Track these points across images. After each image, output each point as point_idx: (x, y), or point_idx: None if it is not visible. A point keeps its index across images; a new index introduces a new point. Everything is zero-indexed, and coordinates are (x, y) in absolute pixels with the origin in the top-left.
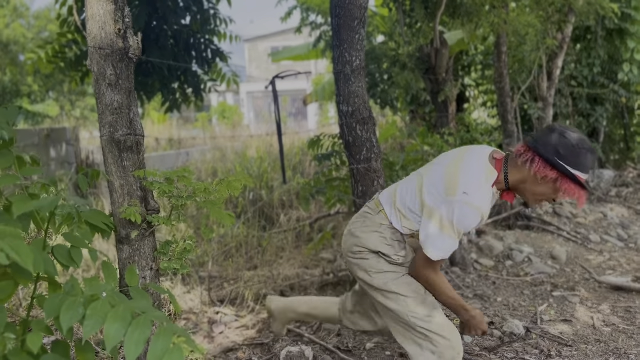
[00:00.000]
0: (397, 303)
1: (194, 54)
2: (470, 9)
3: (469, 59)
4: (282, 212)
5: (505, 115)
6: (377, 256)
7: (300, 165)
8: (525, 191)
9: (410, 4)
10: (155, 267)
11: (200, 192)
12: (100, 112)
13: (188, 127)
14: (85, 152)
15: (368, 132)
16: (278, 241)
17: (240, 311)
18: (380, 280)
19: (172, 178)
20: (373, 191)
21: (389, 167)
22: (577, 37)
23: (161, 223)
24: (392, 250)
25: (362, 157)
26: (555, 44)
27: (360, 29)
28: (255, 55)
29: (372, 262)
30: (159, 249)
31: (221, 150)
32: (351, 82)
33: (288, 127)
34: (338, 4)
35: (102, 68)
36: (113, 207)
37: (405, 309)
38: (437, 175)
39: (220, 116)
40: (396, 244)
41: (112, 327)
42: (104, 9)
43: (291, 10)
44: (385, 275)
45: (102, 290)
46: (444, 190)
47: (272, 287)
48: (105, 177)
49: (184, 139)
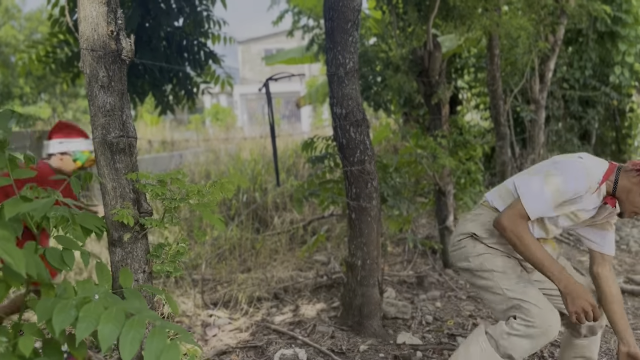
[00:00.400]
0: (492, 279)
1: (186, 55)
2: (462, 11)
3: (461, 62)
4: (276, 214)
5: (498, 118)
6: (473, 239)
7: (294, 167)
8: (627, 201)
9: (403, 7)
10: (148, 269)
11: (193, 194)
12: (92, 114)
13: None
14: None
15: (361, 134)
16: (271, 243)
17: (234, 314)
18: (477, 262)
19: (165, 180)
20: (367, 193)
21: (383, 169)
22: (569, 40)
23: (154, 225)
24: (486, 233)
25: (356, 159)
26: (547, 46)
27: (353, 31)
28: (248, 57)
29: (469, 248)
30: (151, 252)
31: (214, 153)
32: (345, 85)
33: (281, 129)
34: (331, 6)
35: (95, 70)
36: (105, 210)
37: (499, 282)
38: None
39: (213, 118)
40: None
41: (105, 328)
42: (97, 11)
43: (282, 14)
44: (481, 257)
45: (95, 292)
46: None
47: (266, 290)
48: (98, 180)
49: (177, 141)
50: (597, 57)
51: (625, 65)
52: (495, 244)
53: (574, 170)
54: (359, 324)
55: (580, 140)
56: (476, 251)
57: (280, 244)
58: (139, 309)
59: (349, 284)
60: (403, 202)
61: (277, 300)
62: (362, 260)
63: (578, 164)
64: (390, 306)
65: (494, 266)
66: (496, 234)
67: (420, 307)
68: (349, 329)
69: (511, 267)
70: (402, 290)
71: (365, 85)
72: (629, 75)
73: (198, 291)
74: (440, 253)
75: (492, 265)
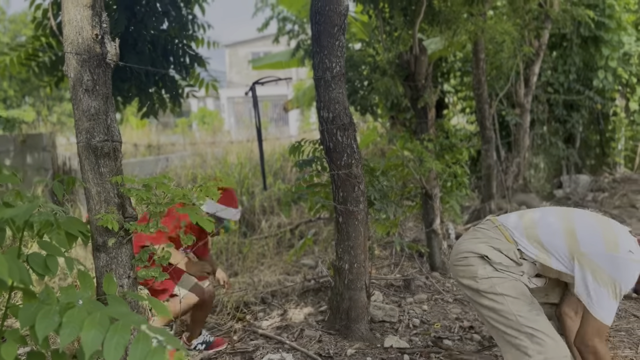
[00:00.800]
0: (503, 304)
1: (171, 59)
2: (448, 16)
3: (448, 66)
4: (263, 218)
5: (484, 122)
6: (482, 260)
7: (281, 171)
8: None
9: (389, 12)
10: (133, 275)
11: (179, 198)
12: (76, 118)
13: (167, 132)
14: (62, 158)
15: (348, 138)
16: (259, 247)
17: (221, 318)
18: (487, 284)
19: (150, 184)
20: (354, 196)
21: (370, 173)
22: (553, 45)
23: (139, 230)
24: (499, 258)
25: (343, 162)
26: (532, 51)
27: (340, 36)
28: (235, 61)
29: (478, 268)
30: (136, 257)
31: (201, 156)
32: (331, 89)
33: (269, 133)
34: (318, 10)
35: (79, 73)
36: (90, 214)
37: (511, 308)
38: (589, 225)
39: (200, 121)
40: (503, 256)
41: (89, 333)
42: (81, 14)
43: (268, 20)
44: (491, 280)
45: (78, 298)
46: (604, 244)
47: (253, 294)
48: (82, 185)
49: (163, 145)
50: (581, 62)
51: (608, 69)
52: (505, 269)
53: (632, 271)
54: (346, 327)
55: (565, 143)
56: (486, 273)
57: (267, 248)
58: (123, 313)
59: (336, 288)
60: (390, 206)
61: (264, 304)
62: (349, 264)
63: (634, 264)
64: (377, 309)
65: (506, 290)
66: (510, 262)
67: (407, 311)
68: (337, 333)
69: (523, 293)
70: (389, 293)
71: (352, 89)
72: (612, 79)
73: None
74: (427, 256)
75: (504, 290)
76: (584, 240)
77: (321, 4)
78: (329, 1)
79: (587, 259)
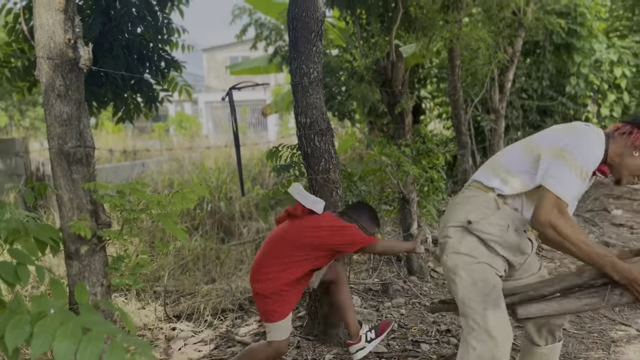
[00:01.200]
0: (461, 288)
1: (147, 63)
2: (424, 23)
3: (424, 72)
4: (242, 223)
5: (459, 127)
6: (462, 231)
7: (260, 176)
8: (621, 166)
9: (366, 18)
10: (106, 282)
11: (153, 204)
12: (48, 124)
13: (144, 137)
14: (35, 163)
15: (326, 143)
16: (237, 253)
17: (197, 326)
18: (452, 262)
19: (124, 191)
20: (332, 202)
21: (348, 178)
22: (527, 52)
23: (112, 238)
24: (482, 214)
25: (321, 167)
26: (506, 57)
27: (317, 42)
28: (213, 65)
29: (453, 241)
30: (110, 264)
31: (178, 161)
32: (309, 94)
33: (247, 138)
34: (295, 16)
35: (51, 78)
36: (62, 222)
37: (465, 295)
38: (547, 131)
39: (177, 126)
40: (488, 211)
41: (62, 344)
42: (53, 19)
43: (245, 27)
44: (459, 257)
45: (50, 307)
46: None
47: (231, 301)
48: (54, 192)
49: (139, 150)
50: (554, 68)
51: (580, 76)
52: (491, 226)
53: (590, 142)
54: (324, 333)
55: None
56: (457, 248)
57: (245, 254)
58: (96, 323)
59: (314, 293)
60: None
61: (242, 311)
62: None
63: (591, 133)
64: (355, 314)
65: (465, 272)
66: (494, 212)
67: (385, 315)
68: (315, 339)
69: (483, 280)
70: (367, 298)
71: (330, 94)
72: (584, 85)
73: (160, 304)
74: (404, 260)
75: (465, 273)
76: (543, 139)
77: (298, 10)
78: (306, 7)
79: (546, 147)
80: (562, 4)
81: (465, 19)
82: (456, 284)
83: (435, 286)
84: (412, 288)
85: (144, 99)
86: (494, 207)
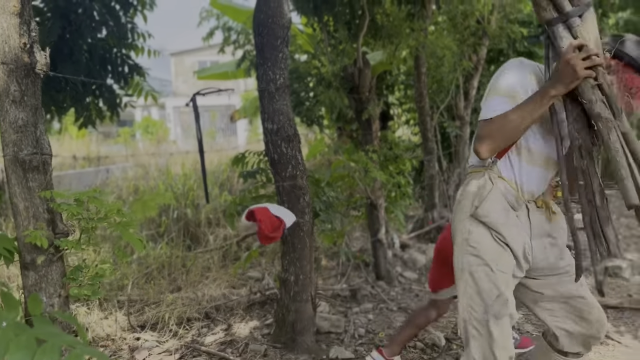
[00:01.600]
0: (464, 287)
1: (109, 68)
2: (390, 31)
3: (392, 79)
4: (209, 230)
5: (426, 133)
6: (470, 222)
7: (228, 182)
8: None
9: (334, 25)
10: (64, 293)
11: (112, 213)
12: (3, 130)
13: (109, 142)
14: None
15: (293, 149)
16: (204, 261)
17: (162, 336)
18: (459, 261)
19: (82, 199)
20: (299, 208)
21: (315, 184)
22: (491, 59)
23: (70, 247)
24: (477, 198)
25: (288, 174)
26: (471, 65)
27: (283, 48)
28: (181, 69)
29: (462, 233)
30: (68, 275)
31: (144, 167)
32: (275, 100)
33: (216, 143)
34: (261, 23)
35: (6, 84)
36: (17, 231)
37: (469, 299)
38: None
39: (144, 131)
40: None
41: (16, 356)
42: (8, 22)
43: (212, 30)
44: (466, 257)
45: (2, 320)
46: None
47: (197, 310)
48: (9, 200)
49: (104, 156)
50: None
51: None
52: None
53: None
54: (292, 340)
55: None
56: (464, 243)
57: (212, 261)
58: (52, 334)
59: (282, 300)
60: (336, 216)
61: (208, 319)
62: (295, 276)
63: (514, 61)
64: (323, 320)
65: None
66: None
67: (353, 320)
68: (282, 346)
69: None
70: (335, 304)
71: (298, 100)
72: None
73: (124, 313)
74: (372, 265)
75: (471, 269)
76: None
77: (264, 17)
78: (272, 14)
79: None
80: (525, 14)
81: (431, 27)
82: (462, 282)
83: (402, 291)
84: (380, 293)
85: (106, 104)
86: (489, 186)
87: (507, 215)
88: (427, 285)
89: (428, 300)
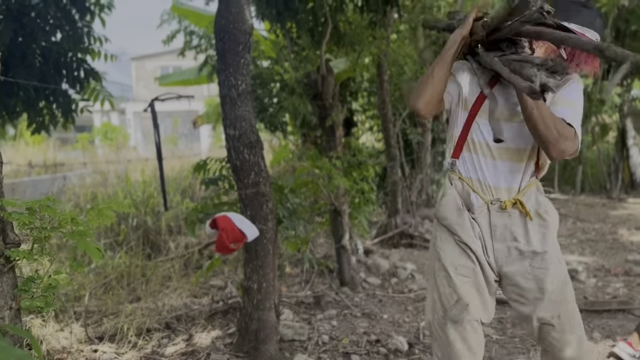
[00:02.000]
0: (431, 290)
1: (64, 72)
2: (353, 39)
3: (356, 86)
4: (170, 238)
5: (388, 140)
6: (435, 226)
7: (190, 189)
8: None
9: (297, 32)
10: (16, 306)
11: (66, 222)
12: None
13: (67, 148)
14: None
15: (256, 155)
16: (164, 270)
17: (121, 347)
18: (429, 265)
19: (34, 208)
20: (262, 215)
21: (279, 191)
22: None
23: (21, 258)
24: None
25: (250, 181)
26: None
27: (245, 54)
28: (142, 74)
29: (433, 238)
30: (19, 286)
31: (103, 174)
32: (237, 106)
33: (178, 149)
34: (222, 28)
35: None
36: None
37: (430, 303)
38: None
39: (103, 137)
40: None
41: None
42: None
43: (174, 33)
44: (433, 263)
45: None
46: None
47: (157, 320)
48: None
49: (61, 162)
50: None
51: None
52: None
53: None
54: (255, 349)
55: None
56: (432, 248)
57: (173, 270)
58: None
59: (245, 309)
60: (299, 223)
61: (169, 330)
62: (258, 284)
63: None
64: (287, 328)
65: (432, 284)
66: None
67: (317, 327)
68: (245, 356)
69: (450, 290)
70: (299, 311)
71: (261, 106)
72: None
73: (81, 325)
74: (336, 272)
75: (433, 282)
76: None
77: (225, 22)
78: (233, 20)
79: None
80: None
81: (394, 35)
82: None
83: (366, 297)
84: (344, 299)
85: (61, 109)
86: (448, 188)
87: (461, 216)
88: (390, 290)
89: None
